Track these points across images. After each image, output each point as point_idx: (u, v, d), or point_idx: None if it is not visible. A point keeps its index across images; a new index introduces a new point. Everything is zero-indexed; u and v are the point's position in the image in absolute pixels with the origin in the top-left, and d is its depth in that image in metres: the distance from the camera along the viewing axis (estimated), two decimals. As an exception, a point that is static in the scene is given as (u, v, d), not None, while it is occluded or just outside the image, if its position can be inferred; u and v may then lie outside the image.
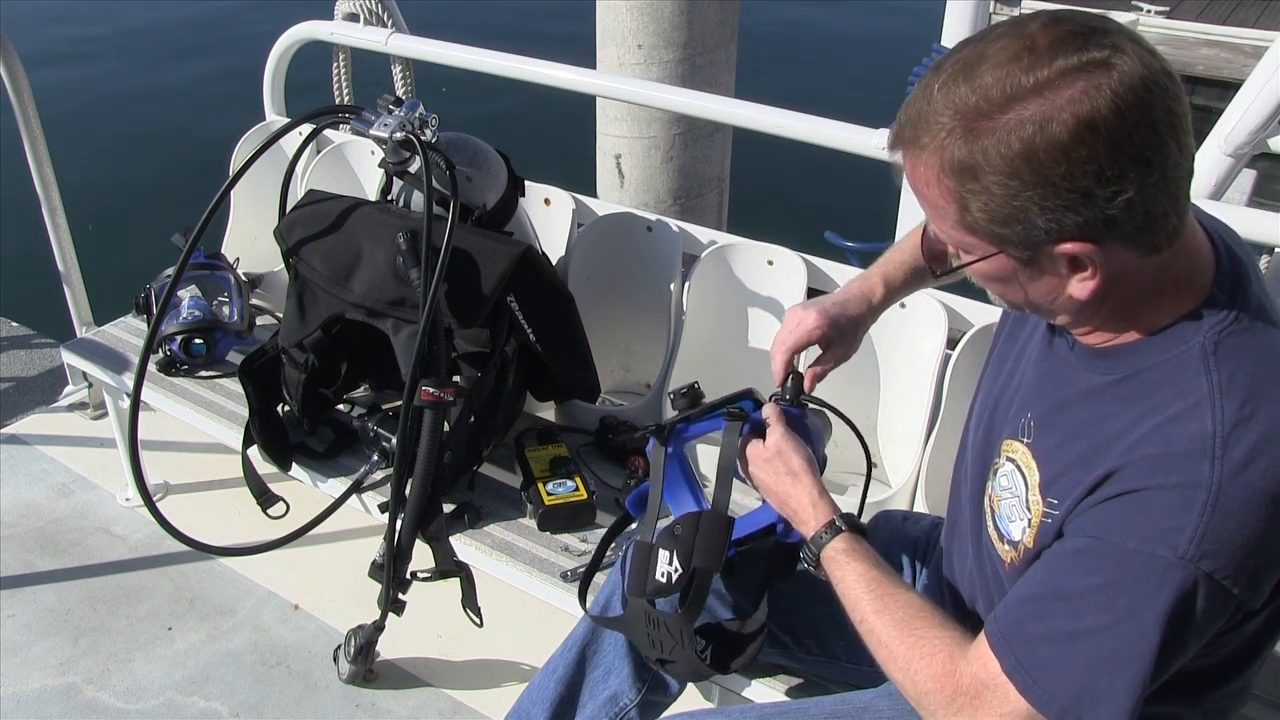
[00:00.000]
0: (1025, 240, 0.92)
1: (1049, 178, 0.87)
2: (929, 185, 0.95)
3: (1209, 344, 0.94)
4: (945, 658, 1.03)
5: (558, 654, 1.47)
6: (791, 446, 1.22)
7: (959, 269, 1.02)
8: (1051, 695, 0.95)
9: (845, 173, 3.84)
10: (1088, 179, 0.86)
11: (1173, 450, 0.91)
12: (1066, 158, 0.86)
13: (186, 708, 2.01)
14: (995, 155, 0.88)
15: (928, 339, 1.93)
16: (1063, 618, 0.96)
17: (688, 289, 2.12)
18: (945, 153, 0.91)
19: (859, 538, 1.16)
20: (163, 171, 6.99)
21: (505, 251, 1.75)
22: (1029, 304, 1.02)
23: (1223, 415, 0.90)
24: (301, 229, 1.85)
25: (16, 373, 3.01)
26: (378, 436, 1.92)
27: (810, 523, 1.18)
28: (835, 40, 10.59)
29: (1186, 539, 0.89)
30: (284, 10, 3.20)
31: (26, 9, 9.73)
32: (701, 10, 3.71)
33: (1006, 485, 1.10)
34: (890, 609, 1.09)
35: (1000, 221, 0.91)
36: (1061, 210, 0.88)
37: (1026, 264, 0.95)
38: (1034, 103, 0.86)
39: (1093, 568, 0.94)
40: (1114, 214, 0.88)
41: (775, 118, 2.04)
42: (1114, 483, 0.94)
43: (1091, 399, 1.01)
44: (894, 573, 1.14)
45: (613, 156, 3.98)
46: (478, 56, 2.47)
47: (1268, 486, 0.88)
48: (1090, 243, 0.90)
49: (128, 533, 2.43)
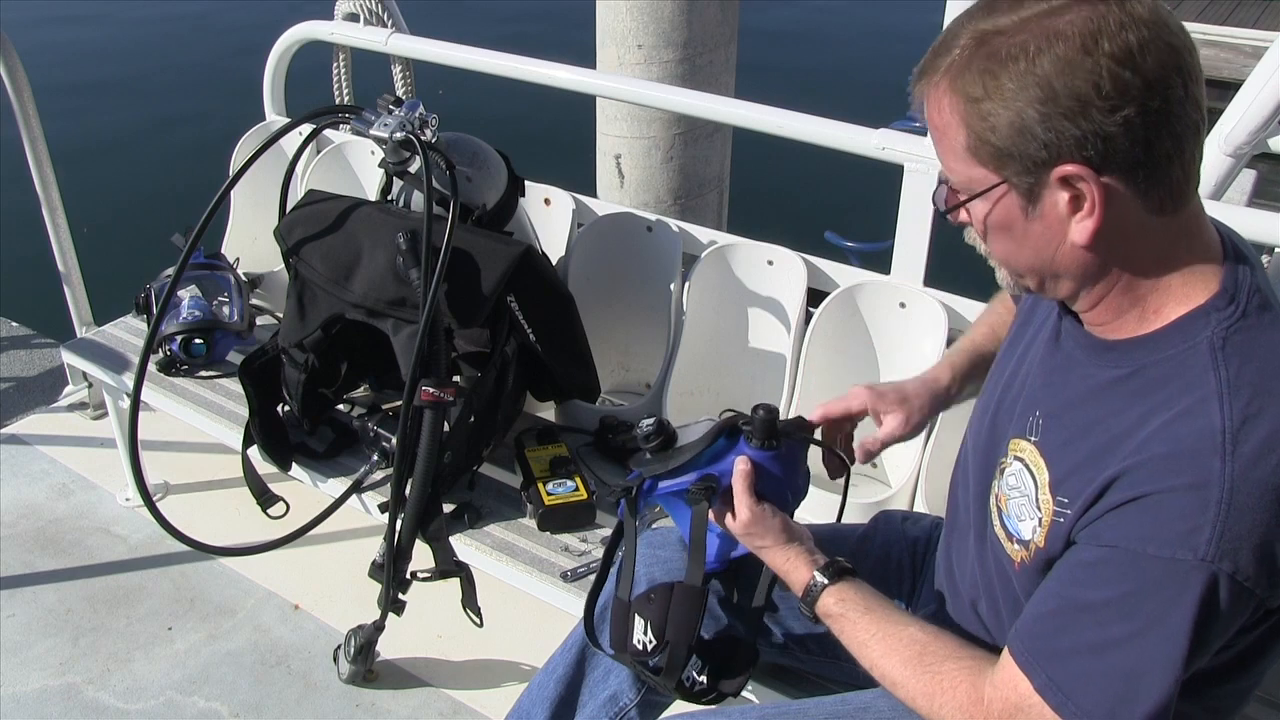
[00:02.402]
0: (1027, 162, 0.93)
1: (1052, 87, 0.89)
2: (941, 111, 0.97)
3: (1217, 339, 0.94)
4: (968, 688, 1.03)
5: (558, 654, 1.47)
6: (759, 516, 1.21)
7: (960, 205, 1.02)
8: (1085, 710, 0.94)
9: (845, 173, 3.84)
10: (1088, 89, 0.88)
11: (1182, 448, 0.91)
12: (1069, 68, 0.89)
13: (186, 708, 2.01)
14: (1001, 68, 0.91)
15: (928, 339, 1.93)
16: (1088, 629, 0.95)
17: (688, 289, 2.12)
18: (959, 72, 0.94)
19: (847, 584, 1.16)
20: (163, 171, 6.99)
21: (505, 251, 1.75)
22: (1032, 268, 1.01)
23: (1231, 411, 0.90)
24: (301, 229, 1.85)
25: (16, 373, 3.02)
26: (378, 436, 1.92)
27: (797, 584, 1.19)
28: (835, 40, 10.59)
29: (1205, 540, 0.88)
30: (284, 10, 3.20)
31: (26, 8, 9.73)
32: (701, 10, 3.71)
33: (1015, 484, 1.09)
34: (896, 649, 1.09)
35: (1004, 136, 0.93)
36: (1062, 120, 0.90)
37: (1026, 198, 0.95)
38: (1046, 21, 0.90)
39: (1113, 577, 0.93)
40: (1111, 131, 0.89)
41: (775, 118, 2.04)
42: (1124, 486, 0.93)
43: (1099, 395, 1.01)
44: (891, 608, 1.14)
45: (613, 156, 3.98)
46: (478, 56, 2.47)
47: (1278, 482, 0.88)
48: (1088, 167, 0.91)
49: (128, 533, 2.43)
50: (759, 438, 1.23)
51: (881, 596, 1.16)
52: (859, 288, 2.00)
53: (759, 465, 1.23)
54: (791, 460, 1.27)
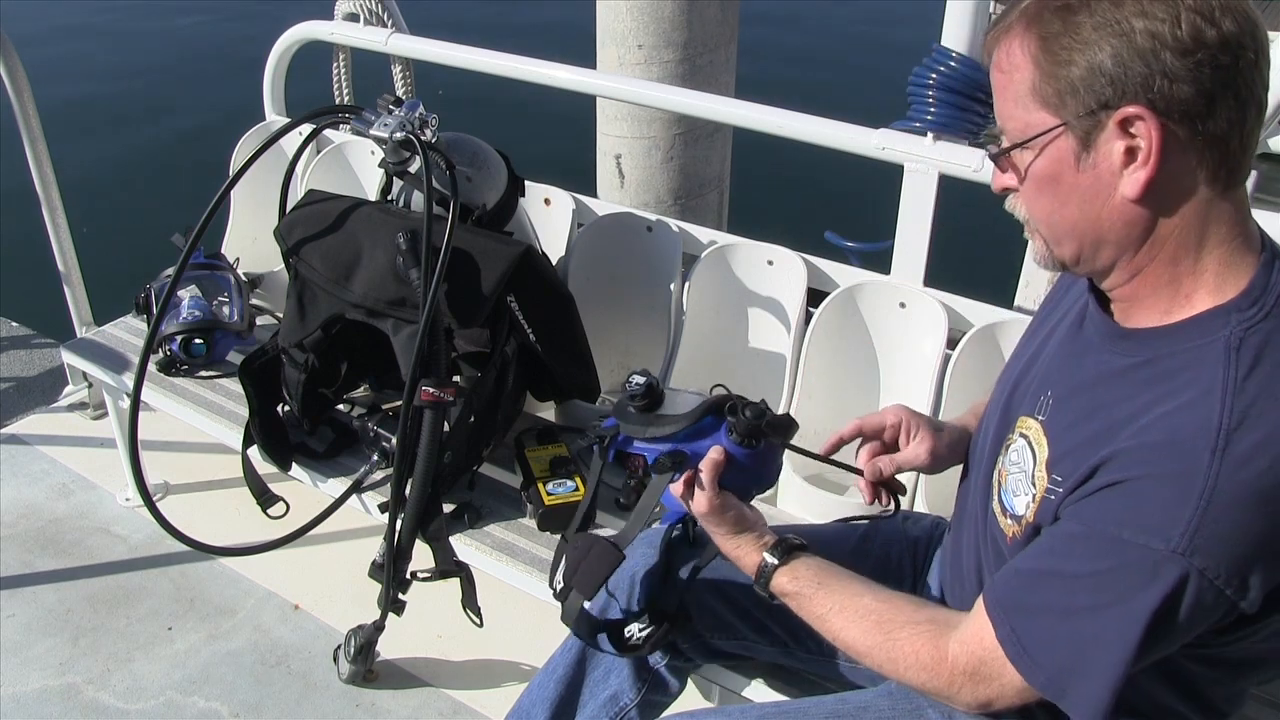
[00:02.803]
0: (1090, 100, 0.93)
1: (1130, 24, 0.90)
2: (1011, 53, 0.97)
3: (1234, 339, 0.93)
4: (930, 649, 1.07)
5: (558, 654, 1.47)
6: (716, 507, 1.21)
7: (1011, 150, 1.01)
8: (1039, 665, 0.99)
9: (845, 173, 3.84)
10: (1164, 30, 0.89)
11: (1175, 438, 0.91)
12: (1149, 9, 0.90)
13: (186, 708, 2.01)
14: (1081, 5, 0.92)
15: (928, 339, 1.93)
16: (1057, 593, 0.98)
17: (688, 289, 2.12)
18: (1034, 14, 0.96)
19: (798, 562, 1.18)
20: (163, 171, 6.99)
21: (505, 251, 1.75)
22: (1075, 229, 1.00)
23: (1231, 409, 0.90)
24: (301, 229, 1.85)
25: (16, 373, 3.02)
26: (378, 436, 1.92)
27: (749, 568, 1.22)
28: (835, 40, 10.59)
29: (1179, 532, 0.89)
30: (284, 10, 3.20)
31: (26, 8, 9.73)
32: (701, 10, 3.71)
33: (1016, 460, 1.10)
34: (854, 621, 1.12)
35: (1071, 70, 0.93)
36: (1132, 57, 0.90)
37: (1083, 142, 0.95)
38: None
39: (1089, 553, 0.95)
40: (1180, 73, 0.89)
41: (775, 118, 2.04)
42: (1113, 469, 0.94)
43: (1110, 381, 1.01)
44: (844, 579, 1.16)
45: (613, 156, 3.98)
46: (478, 56, 2.47)
47: (1265, 485, 0.88)
48: (1150, 109, 0.91)
49: (128, 533, 2.43)
50: (740, 435, 1.22)
51: (834, 568, 1.19)
52: (859, 288, 2.00)
53: (732, 458, 1.23)
54: (766, 458, 1.27)
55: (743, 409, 1.23)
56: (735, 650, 1.46)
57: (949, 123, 1.86)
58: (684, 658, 1.46)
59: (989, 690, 1.03)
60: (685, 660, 1.46)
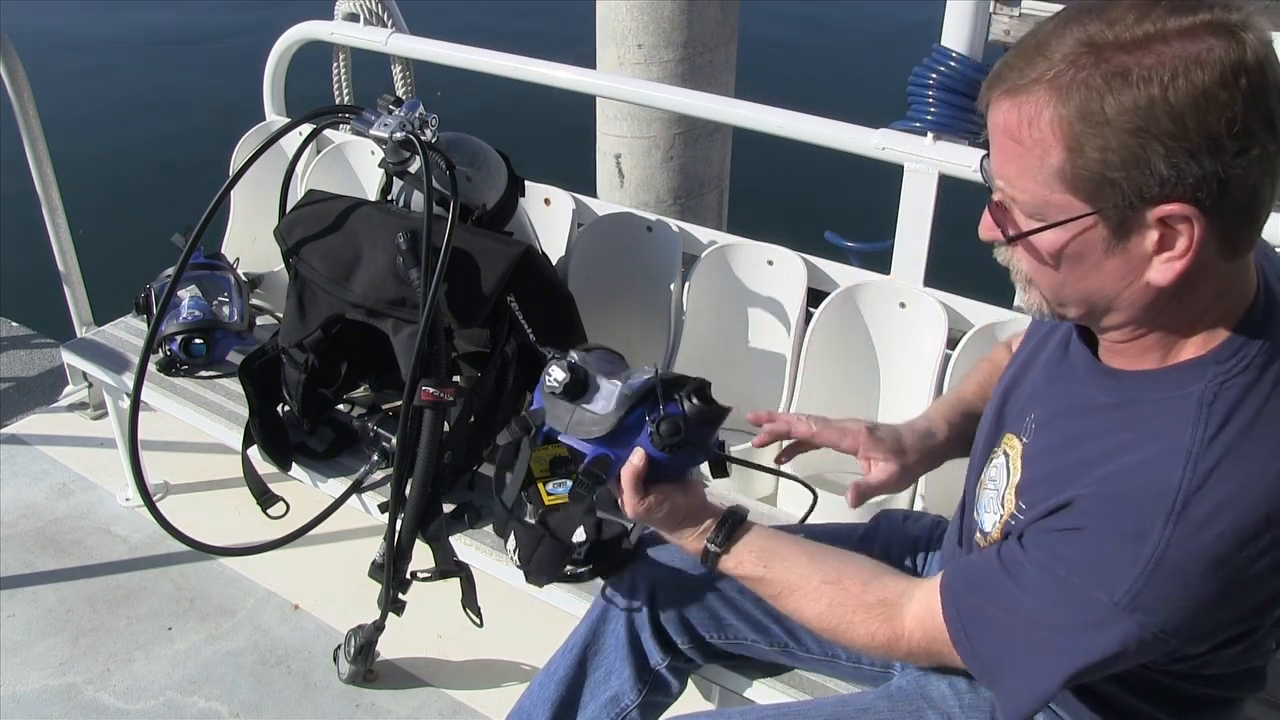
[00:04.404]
0: (1132, 195, 0.85)
1: (1184, 120, 0.82)
2: (1032, 125, 0.87)
3: (1207, 394, 0.91)
4: (886, 630, 1.11)
5: (558, 655, 1.47)
6: (646, 507, 1.20)
7: (1030, 234, 0.92)
8: (977, 653, 1.03)
9: (845, 173, 3.84)
10: (1221, 126, 0.82)
11: (1134, 494, 0.91)
12: (1207, 101, 0.81)
13: (186, 708, 2.01)
14: (1130, 91, 0.82)
15: (928, 339, 1.93)
16: (1004, 597, 1.00)
17: (688, 289, 2.12)
18: (1067, 85, 0.84)
19: (738, 544, 1.20)
20: (163, 171, 6.99)
21: (505, 251, 1.75)
22: (1083, 297, 0.94)
23: (1193, 472, 0.88)
24: (301, 229, 1.85)
25: (16, 373, 3.01)
26: (378, 436, 1.92)
27: (694, 555, 1.23)
28: (835, 40, 10.59)
29: (1123, 590, 0.90)
30: (284, 10, 3.20)
31: (26, 8, 9.73)
32: (701, 10, 3.70)
33: (994, 477, 1.12)
34: (807, 603, 1.16)
35: (1116, 166, 0.84)
36: (1187, 157, 0.82)
37: (1114, 233, 0.88)
38: (1178, 44, 0.82)
39: (1040, 584, 0.97)
40: (1235, 174, 0.83)
41: (775, 118, 2.04)
42: (1073, 514, 0.95)
43: (1086, 415, 1.01)
44: (789, 557, 1.18)
45: (613, 156, 3.97)
46: (478, 56, 2.47)
47: (1217, 551, 0.87)
48: (1196, 207, 0.84)
49: (128, 533, 2.43)
50: (661, 441, 1.16)
51: (779, 543, 1.20)
52: (859, 288, 2.00)
53: (655, 460, 1.19)
54: (693, 457, 1.22)
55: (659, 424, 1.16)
56: (736, 651, 1.46)
57: (949, 123, 1.87)
58: (685, 659, 1.46)
59: (942, 660, 1.09)
60: (686, 661, 1.46)
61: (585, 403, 1.21)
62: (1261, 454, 0.88)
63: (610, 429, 1.19)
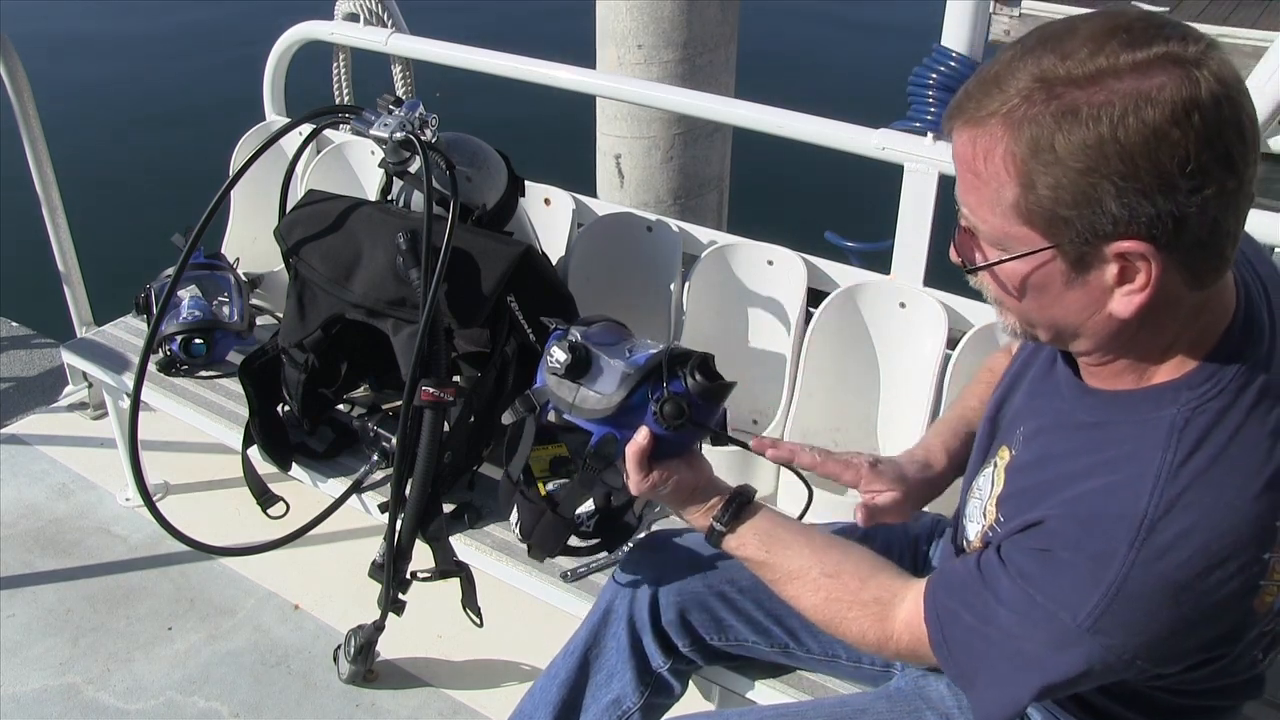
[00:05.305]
0: (1086, 232, 0.85)
1: (1135, 159, 0.81)
2: (988, 159, 0.87)
3: (1179, 419, 0.91)
4: (876, 630, 1.13)
5: (560, 658, 1.47)
6: (651, 484, 1.20)
7: (992, 266, 0.93)
8: (953, 658, 1.04)
9: (845, 173, 3.83)
10: (1174, 166, 0.80)
11: (1101, 519, 0.91)
12: (1158, 140, 0.80)
13: (186, 708, 2.01)
14: (1080, 129, 0.81)
15: (928, 339, 1.93)
16: (984, 604, 1.01)
17: (688, 289, 2.12)
18: (1020, 120, 0.84)
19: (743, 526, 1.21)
20: (163, 171, 6.99)
21: (505, 251, 1.75)
22: (1049, 324, 0.95)
23: (1160, 499, 0.88)
24: (301, 229, 1.85)
25: (16, 373, 3.02)
26: (378, 436, 1.92)
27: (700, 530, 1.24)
28: (835, 40, 10.59)
29: (1086, 613, 0.91)
30: (284, 10, 3.20)
31: (27, 8, 9.72)
32: (701, 10, 3.70)
33: (981, 486, 1.13)
34: (804, 594, 1.17)
35: (1068, 204, 0.84)
36: (1139, 197, 0.81)
37: (1073, 266, 0.88)
38: (1130, 80, 0.81)
39: (1012, 597, 0.98)
40: (1189, 212, 0.82)
41: (775, 118, 2.04)
42: (1041, 534, 0.96)
43: (1065, 431, 1.02)
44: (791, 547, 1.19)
45: (613, 156, 3.97)
46: (478, 56, 2.47)
47: (1179, 578, 0.87)
48: (1153, 245, 0.84)
49: (128, 533, 2.43)
50: (665, 421, 1.16)
51: (782, 530, 1.21)
52: (859, 288, 2.00)
53: (659, 437, 1.18)
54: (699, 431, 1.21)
55: (662, 405, 1.16)
56: (737, 652, 1.46)
57: (949, 123, 1.86)
58: (686, 660, 1.46)
59: (930, 662, 1.09)
60: (687, 663, 1.47)
61: (588, 382, 1.21)
62: (1231, 481, 0.88)
63: (614, 409, 1.18)
